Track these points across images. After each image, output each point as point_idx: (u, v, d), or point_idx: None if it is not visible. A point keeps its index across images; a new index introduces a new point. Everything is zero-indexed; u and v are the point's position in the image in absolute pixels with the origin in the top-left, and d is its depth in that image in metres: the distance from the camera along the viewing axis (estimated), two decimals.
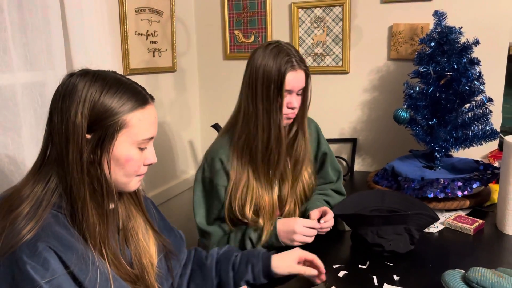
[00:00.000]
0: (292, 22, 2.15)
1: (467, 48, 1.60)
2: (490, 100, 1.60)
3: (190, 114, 2.43)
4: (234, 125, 1.34)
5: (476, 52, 1.62)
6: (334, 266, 1.18)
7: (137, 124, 0.84)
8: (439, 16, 1.65)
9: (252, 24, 2.25)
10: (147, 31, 2.00)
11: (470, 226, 1.37)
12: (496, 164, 1.75)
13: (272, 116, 1.25)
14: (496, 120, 1.81)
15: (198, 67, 2.45)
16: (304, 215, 1.37)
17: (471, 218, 1.43)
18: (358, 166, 2.18)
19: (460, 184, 1.50)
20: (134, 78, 0.91)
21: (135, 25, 1.91)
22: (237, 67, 2.34)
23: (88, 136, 0.81)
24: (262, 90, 1.23)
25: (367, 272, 1.15)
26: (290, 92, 1.26)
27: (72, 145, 0.79)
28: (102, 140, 0.81)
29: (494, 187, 1.61)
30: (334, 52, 2.12)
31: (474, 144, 1.64)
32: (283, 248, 1.21)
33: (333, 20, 2.08)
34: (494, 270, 0.98)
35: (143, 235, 0.96)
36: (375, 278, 1.11)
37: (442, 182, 1.52)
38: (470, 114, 1.64)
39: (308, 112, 1.38)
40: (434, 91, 1.62)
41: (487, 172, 1.56)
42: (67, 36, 1.45)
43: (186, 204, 2.40)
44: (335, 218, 1.33)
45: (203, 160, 1.37)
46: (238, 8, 2.26)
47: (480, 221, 1.40)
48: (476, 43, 1.60)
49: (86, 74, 0.83)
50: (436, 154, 1.69)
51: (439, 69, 1.60)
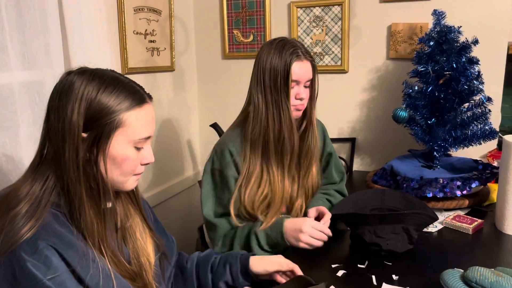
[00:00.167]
0: (291, 21, 2.15)
1: (466, 47, 1.60)
2: (489, 99, 1.60)
3: (188, 113, 2.42)
4: (245, 119, 1.35)
5: (475, 52, 1.62)
6: (333, 266, 1.18)
7: (134, 123, 0.84)
8: (438, 15, 1.65)
9: (251, 24, 2.25)
10: (146, 30, 1.99)
11: (469, 225, 1.37)
12: (495, 164, 1.75)
13: (281, 107, 1.27)
14: (495, 120, 1.81)
15: (197, 67, 2.45)
16: (304, 213, 1.37)
17: (470, 217, 1.43)
18: (357, 166, 2.18)
19: (459, 183, 1.50)
20: (132, 78, 0.91)
21: (133, 24, 1.90)
22: (236, 66, 2.34)
23: (84, 134, 0.80)
24: (270, 82, 1.27)
25: (366, 271, 1.15)
26: (297, 82, 1.29)
27: (68, 143, 0.79)
28: (98, 139, 0.81)
29: (493, 187, 1.61)
30: (333, 52, 2.11)
31: (473, 144, 1.64)
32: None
33: (332, 19, 2.08)
34: (493, 269, 0.98)
35: (140, 234, 0.96)
36: (374, 277, 1.11)
37: (441, 182, 1.52)
38: (469, 113, 1.64)
39: None
40: (433, 91, 1.62)
41: (486, 172, 1.57)
42: (65, 35, 1.44)
43: (184, 204, 2.40)
44: (335, 218, 1.32)
45: (212, 153, 1.37)
46: (237, 7, 2.26)
47: (479, 220, 1.40)
48: (475, 42, 1.60)
49: (83, 72, 0.83)
50: (435, 153, 1.69)
51: (438, 68, 1.60)
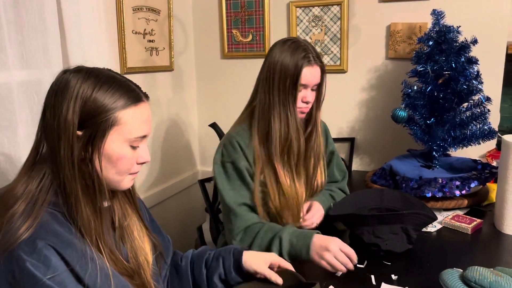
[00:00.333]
0: (290, 21, 2.15)
1: (465, 47, 1.60)
2: (488, 99, 1.60)
3: (187, 113, 2.42)
4: (250, 114, 1.36)
5: (474, 51, 1.62)
6: None
7: (129, 122, 0.83)
8: (437, 15, 1.65)
9: (250, 23, 2.25)
10: (145, 29, 1.99)
11: (468, 225, 1.37)
12: (494, 164, 1.75)
13: (288, 108, 1.28)
14: (494, 119, 1.81)
15: (195, 66, 2.44)
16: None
17: (469, 217, 1.43)
18: (356, 166, 2.18)
19: (458, 183, 1.50)
20: (131, 77, 0.91)
21: (132, 23, 1.90)
22: (234, 66, 2.33)
23: (79, 132, 0.80)
24: (279, 83, 1.27)
25: (365, 271, 1.14)
26: (305, 86, 1.30)
27: (64, 141, 0.79)
28: (93, 137, 0.81)
29: (492, 186, 1.61)
30: (332, 51, 2.11)
31: (472, 144, 1.64)
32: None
33: (331, 19, 2.08)
34: (492, 269, 0.98)
35: (138, 233, 0.95)
36: (373, 277, 1.11)
37: (440, 181, 1.52)
38: (468, 113, 1.64)
39: None
40: (432, 90, 1.62)
41: (485, 171, 1.57)
42: (63, 34, 1.44)
43: (183, 203, 2.40)
44: (334, 218, 1.32)
45: (220, 146, 1.35)
46: (236, 7, 2.26)
47: (478, 220, 1.40)
48: (474, 42, 1.60)
49: (79, 71, 0.82)
50: (434, 153, 1.69)
51: (437, 68, 1.60)
